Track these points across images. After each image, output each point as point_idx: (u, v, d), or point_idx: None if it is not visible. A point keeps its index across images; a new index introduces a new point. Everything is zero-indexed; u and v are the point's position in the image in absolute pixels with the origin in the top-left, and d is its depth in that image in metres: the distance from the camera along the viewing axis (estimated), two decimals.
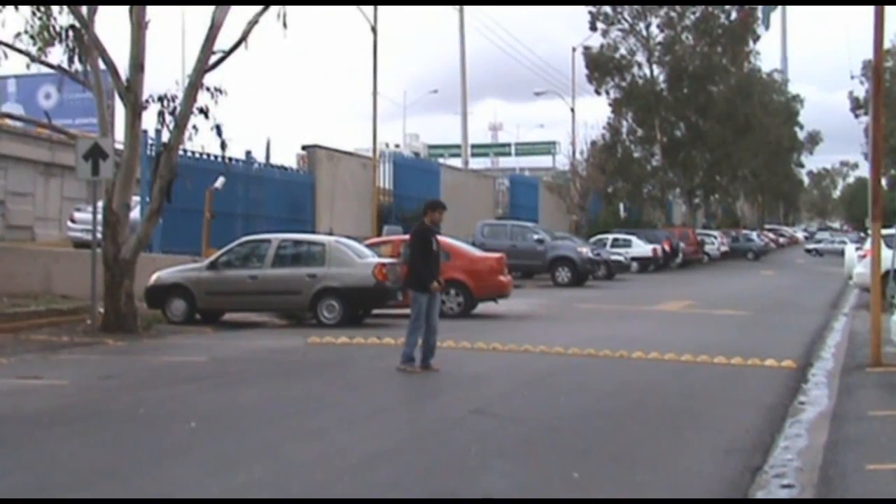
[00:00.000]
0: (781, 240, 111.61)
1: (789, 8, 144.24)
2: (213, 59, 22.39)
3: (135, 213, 24.06)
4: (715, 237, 76.77)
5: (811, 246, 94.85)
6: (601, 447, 10.47)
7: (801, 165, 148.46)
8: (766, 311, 28.82)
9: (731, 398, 13.76)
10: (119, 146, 23.12)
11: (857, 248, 33.80)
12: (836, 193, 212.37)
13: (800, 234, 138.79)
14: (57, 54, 23.59)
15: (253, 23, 22.42)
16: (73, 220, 32.80)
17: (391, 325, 22.95)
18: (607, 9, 72.52)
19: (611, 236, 56.85)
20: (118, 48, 22.66)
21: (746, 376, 15.62)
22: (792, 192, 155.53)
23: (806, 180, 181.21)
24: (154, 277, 24.38)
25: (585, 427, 11.47)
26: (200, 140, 25.66)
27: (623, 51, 73.72)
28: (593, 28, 72.67)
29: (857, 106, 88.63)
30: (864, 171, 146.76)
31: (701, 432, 11.29)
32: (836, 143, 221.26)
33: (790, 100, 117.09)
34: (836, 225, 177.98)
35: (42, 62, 24.01)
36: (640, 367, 16.50)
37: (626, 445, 10.56)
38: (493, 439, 10.72)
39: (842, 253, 55.74)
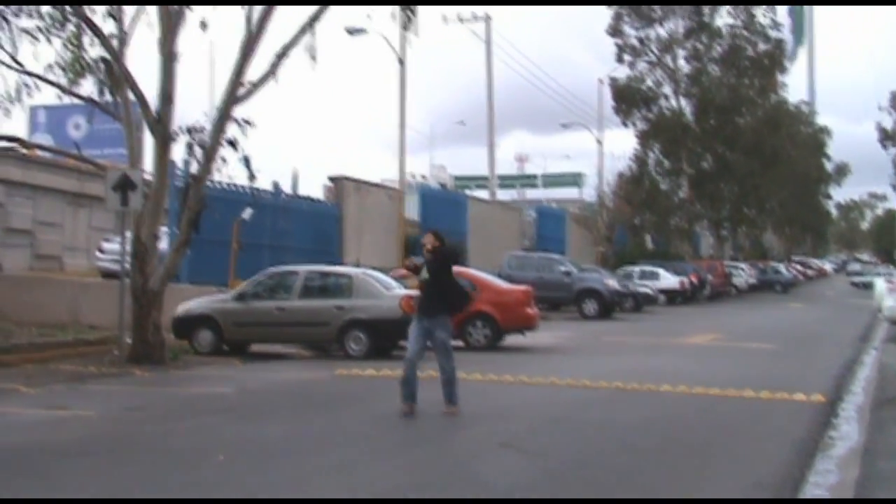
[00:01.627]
0: (809, 272, 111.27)
1: (816, 40, 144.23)
2: (242, 91, 22.45)
3: (163, 244, 24.09)
4: (743, 269, 76.53)
5: (857, 280, 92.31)
6: (630, 482, 10.40)
7: (829, 197, 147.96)
8: (794, 345, 28.67)
9: (759, 432, 13.67)
10: (148, 177, 23.21)
11: (888, 282, 33.63)
12: (865, 225, 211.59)
13: (828, 266, 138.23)
14: (87, 86, 23.79)
15: (281, 55, 22.48)
16: (101, 251, 32.90)
17: None
18: (634, 41, 72.58)
19: (638, 268, 56.69)
20: (148, 80, 22.80)
21: (775, 410, 15.52)
22: (820, 223, 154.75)
23: (834, 212, 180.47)
24: (181, 308, 24.42)
25: (614, 462, 11.40)
26: (228, 171, 25.72)
27: (650, 83, 73.68)
28: (620, 60, 72.74)
29: (885, 137, 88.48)
30: (893, 202, 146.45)
31: (730, 466, 11.21)
32: (864, 174, 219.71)
33: (818, 131, 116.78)
34: (865, 257, 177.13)
35: (73, 94, 24.17)
36: (668, 401, 16.40)
37: (656, 480, 10.49)
38: (521, 474, 10.67)
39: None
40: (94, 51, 23.62)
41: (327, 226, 40.05)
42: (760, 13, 73.14)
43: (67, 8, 23.04)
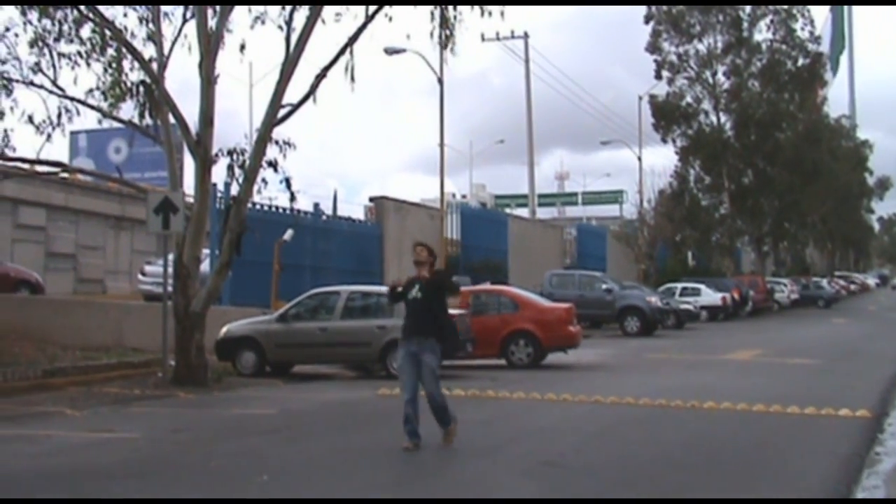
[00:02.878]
0: (852, 287, 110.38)
1: (856, 53, 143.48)
2: (282, 112, 22.52)
3: (205, 266, 24.21)
4: (784, 285, 76.10)
5: None
6: (676, 499, 10.35)
7: (872, 211, 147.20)
8: (838, 360, 28.44)
9: (804, 449, 13.57)
10: (189, 199, 23.31)
11: None
12: None
13: (871, 281, 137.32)
14: (128, 109, 24.02)
15: (321, 76, 22.53)
16: (143, 274, 33.07)
17: (460, 376, 22.87)
18: (673, 57, 72.40)
19: (679, 285, 56.45)
20: (188, 103, 22.93)
21: (820, 426, 15.42)
22: (862, 238, 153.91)
23: (876, 226, 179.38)
24: (224, 330, 24.50)
25: (658, 480, 11.35)
26: (269, 192, 25.84)
27: (689, 99, 73.44)
28: (658, 76, 72.57)
29: None
30: None
31: (776, 483, 11.14)
32: None
33: (859, 145, 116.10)
34: None
35: (113, 118, 24.42)
36: (711, 418, 16.31)
37: (702, 497, 10.42)
38: (565, 492, 10.64)
39: None
40: (134, 75, 23.87)
41: (368, 246, 40.14)
42: (799, 27, 72.93)
43: (107, 33, 23.23)
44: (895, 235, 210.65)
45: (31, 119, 23.61)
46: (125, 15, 23.68)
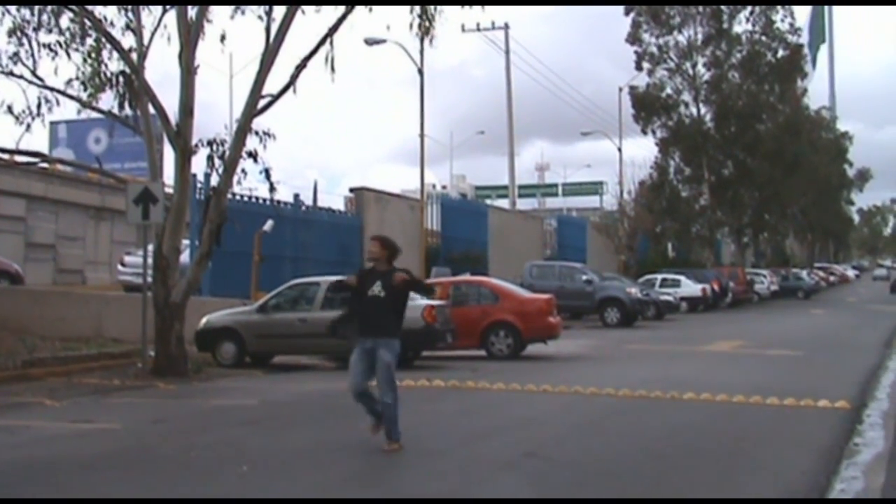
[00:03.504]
0: (832, 278, 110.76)
1: (836, 45, 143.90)
2: (262, 103, 22.47)
3: (184, 257, 24.13)
4: (764, 276, 76.31)
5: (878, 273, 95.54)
6: (655, 491, 10.36)
7: (851, 203, 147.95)
8: (818, 351, 28.52)
9: (784, 440, 13.59)
10: (169, 190, 23.25)
11: None
12: (887, 231, 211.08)
13: (850, 272, 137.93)
14: (107, 100, 23.90)
15: (301, 67, 22.48)
16: (123, 264, 33.02)
17: (441, 367, 22.89)
18: (653, 48, 72.54)
19: (660, 276, 56.58)
20: (168, 93, 22.87)
21: (800, 417, 15.46)
22: (842, 229, 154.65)
23: (856, 218, 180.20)
24: (204, 321, 24.47)
25: (639, 470, 11.36)
26: (249, 183, 25.78)
27: (669, 90, 73.56)
28: (639, 67, 72.68)
29: None
30: None
31: (755, 474, 11.16)
32: (886, 180, 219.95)
33: (839, 137, 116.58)
34: (888, 262, 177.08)
35: (93, 108, 24.32)
36: (691, 409, 16.33)
37: (681, 489, 10.44)
38: (546, 483, 10.64)
39: (893, 288, 55.50)
40: (113, 65, 23.76)
41: (348, 237, 40.12)
42: (779, 18, 73.06)
43: (87, 22, 23.13)
44: (875, 227, 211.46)
45: (10, 109, 23.47)
46: (104, 5, 23.56)
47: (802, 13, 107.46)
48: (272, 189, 24.22)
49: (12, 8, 23.25)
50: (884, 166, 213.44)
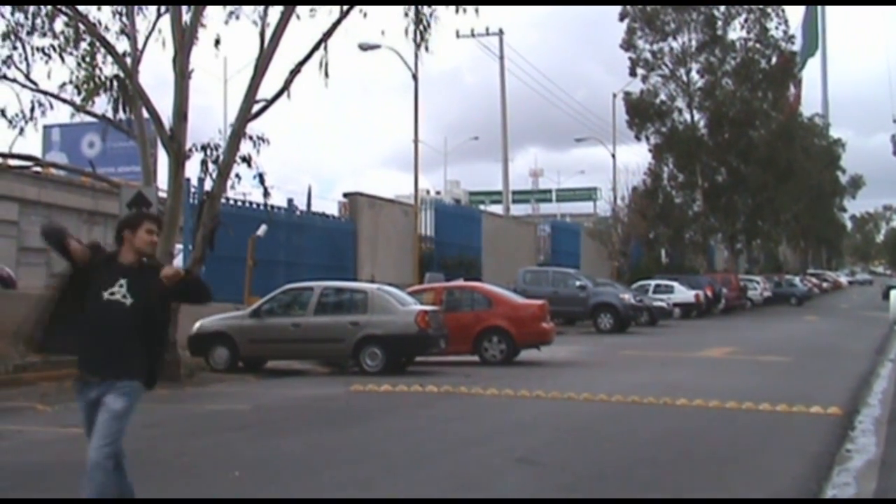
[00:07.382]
0: (825, 285, 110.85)
1: (829, 52, 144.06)
2: (256, 108, 22.48)
3: (178, 261, 24.11)
4: (757, 282, 76.33)
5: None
6: (648, 495, 10.36)
7: (844, 210, 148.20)
8: (810, 357, 28.54)
9: (776, 446, 13.61)
10: (162, 194, 23.24)
11: None
12: (880, 238, 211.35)
13: (843, 279, 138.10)
14: (101, 104, 23.90)
15: (295, 72, 22.50)
16: None
17: (434, 372, 22.89)
18: (647, 55, 72.85)
19: (653, 282, 56.64)
20: (162, 98, 22.87)
21: (791, 423, 15.46)
22: (835, 236, 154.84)
23: (849, 225, 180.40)
24: (197, 325, 24.43)
25: (631, 476, 11.36)
26: (243, 188, 25.77)
27: (663, 96, 73.90)
28: (633, 74, 72.90)
29: None
30: None
31: (746, 480, 11.16)
32: (878, 186, 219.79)
33: (832, 144, 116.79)
34: (880, 269, 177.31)
35: (87, 112, 24.32)
36: (684, 415, 16.35)
37: (672, 494, 10.44)
38: (538, 488, 10.64)
39: (885, 295, 55.72)
40: (107, 69, 23.77)
41: (342, 242, 40.13)
42: (773, 25, 73.25)
43: (81, 26, 23.12)
44: (867, 234, 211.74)
45: (3, 113, 23.48)
46: (99, 9, 23.57)
47: (795, 18, 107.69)
48: (266, 194, 24.28)
49: (6, 11, 23.24)
50: (875, 173, 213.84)
